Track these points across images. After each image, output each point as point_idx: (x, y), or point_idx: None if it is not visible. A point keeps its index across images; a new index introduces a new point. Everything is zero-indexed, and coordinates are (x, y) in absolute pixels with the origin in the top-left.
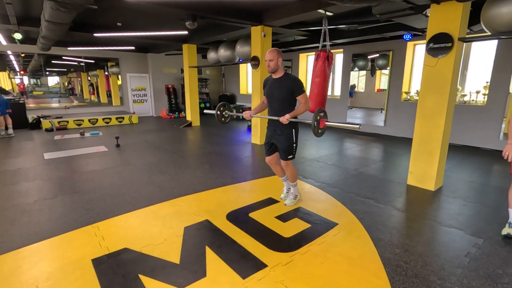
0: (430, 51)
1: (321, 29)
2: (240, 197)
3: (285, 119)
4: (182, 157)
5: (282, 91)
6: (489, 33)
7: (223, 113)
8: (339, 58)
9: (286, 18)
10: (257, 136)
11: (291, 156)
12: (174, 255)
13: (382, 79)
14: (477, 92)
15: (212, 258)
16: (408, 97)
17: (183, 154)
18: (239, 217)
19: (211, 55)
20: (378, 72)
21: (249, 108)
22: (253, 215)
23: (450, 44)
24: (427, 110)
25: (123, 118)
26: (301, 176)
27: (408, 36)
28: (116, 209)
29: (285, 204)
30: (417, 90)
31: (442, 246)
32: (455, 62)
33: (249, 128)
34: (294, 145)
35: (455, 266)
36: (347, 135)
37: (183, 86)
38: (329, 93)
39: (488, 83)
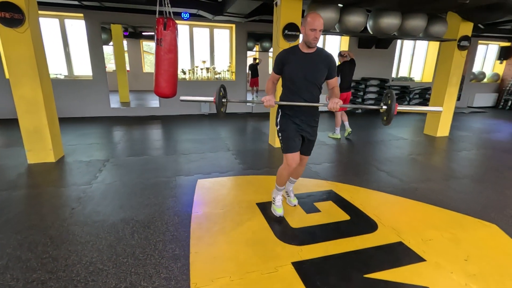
0: (286, 37)
1: None
2: (254, 228)
3: (335, 103)
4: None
5: (319, 70)
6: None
7: (222, 100)
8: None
9: None
10: None
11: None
12: None
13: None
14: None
15: None
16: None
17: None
18: (310, 234)
19: None
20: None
21: None
22: (295, 225)
23: (298, 33)
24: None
25: None
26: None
27: (187, 15)
28: None
29: (294, 205)
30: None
31: None
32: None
33: None
34: None
35: None
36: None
37: None
38: (66, 73)
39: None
